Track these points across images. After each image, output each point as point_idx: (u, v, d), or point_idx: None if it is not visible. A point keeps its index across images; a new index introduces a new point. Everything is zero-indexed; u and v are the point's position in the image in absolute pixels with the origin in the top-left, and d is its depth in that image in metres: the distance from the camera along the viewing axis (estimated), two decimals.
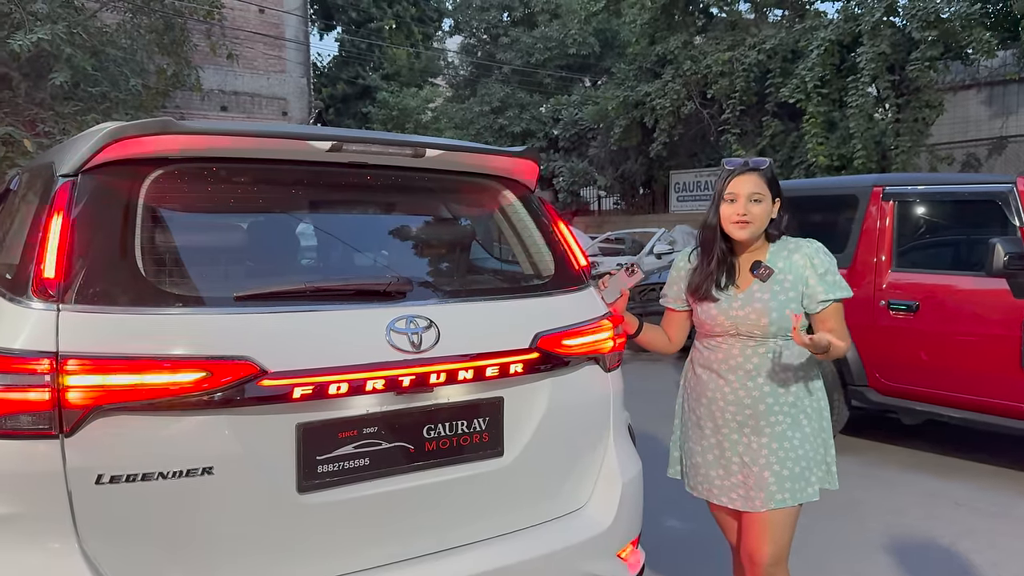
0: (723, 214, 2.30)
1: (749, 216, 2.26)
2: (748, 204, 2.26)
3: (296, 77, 17.74)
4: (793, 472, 2.28)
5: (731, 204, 2.28)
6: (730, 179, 2.29)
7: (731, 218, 2.28)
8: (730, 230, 2.30)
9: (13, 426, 1.62)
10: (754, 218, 2.27)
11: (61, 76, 9.55)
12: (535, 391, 2.22)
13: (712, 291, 2.35)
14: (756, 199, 2.26)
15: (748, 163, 2.31)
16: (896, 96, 13.26)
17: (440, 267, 2.49)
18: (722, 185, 2.31)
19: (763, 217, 2.29)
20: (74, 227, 1.77)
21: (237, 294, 1.87)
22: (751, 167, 2.30)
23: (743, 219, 2.26)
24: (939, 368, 4.96)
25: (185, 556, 1.75)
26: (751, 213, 2.26)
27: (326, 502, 1.88)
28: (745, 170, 2.29)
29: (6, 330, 1.68)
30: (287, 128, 2.04)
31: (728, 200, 2.29)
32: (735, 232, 2.29)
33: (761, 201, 2.27)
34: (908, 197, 5.29)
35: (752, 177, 2.28)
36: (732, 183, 2.28)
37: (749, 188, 2.26)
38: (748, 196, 2.26)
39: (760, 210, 2.28)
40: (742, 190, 2.27)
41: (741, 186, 2.27)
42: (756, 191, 2.26)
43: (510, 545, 2.14)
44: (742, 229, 2.27)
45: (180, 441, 1.72)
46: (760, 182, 2.28)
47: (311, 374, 1.82)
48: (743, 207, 2.26)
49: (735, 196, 2.27)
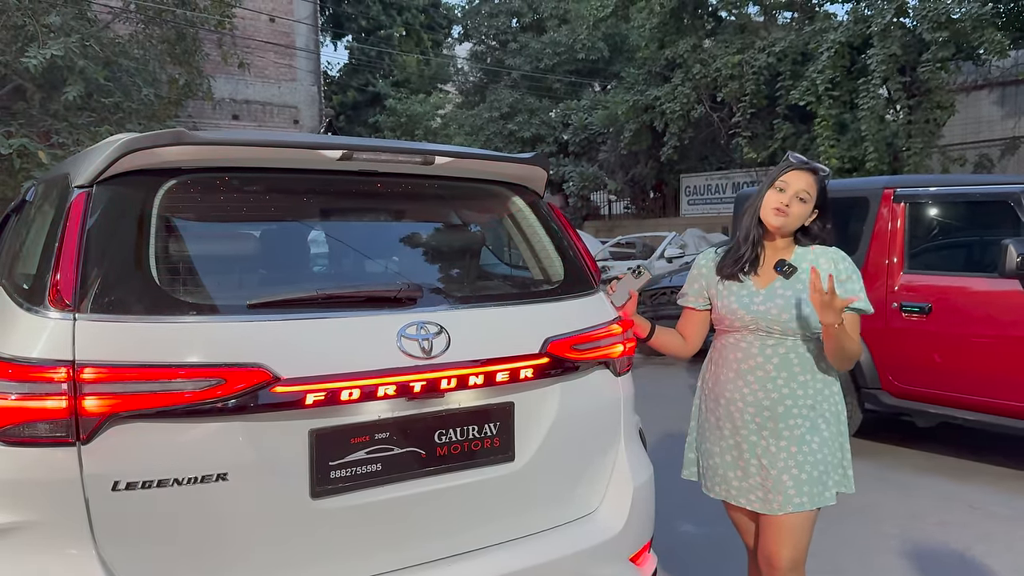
0: (767, 199, 2.35)
1: (790, 208, 2.31)
2: (794, 199, 2.31)
3: (307, 85, 17.86)
4: (811, 476, 2.29)
5: (779, 193, 2.33)
6: (788, 170, 2.34)
7: (772, 204, 2.33)
8: (767, 215, 2.34)
9: (31, 434, 1.64)
10: (792, 213, 2.31)
11: (74, 91, 9.66)
12: (546, 396, 2.23)
13: (738, 274, 2.38)
14: (802, 197, 2.31)
15: (810, 164, 2.36)
16: (907, 98, 13.23)
17: (450, 273, 2.50)
18: (778, 172, 2.36)
19: (801, 216, 2.34)
20: (89, 237, 1.79)
21: (250, 302, 1.88)
22: (811, 168, 2.35)
23: (783, 208, 2.31)
24: (953, 370, 4.93)
25: (200, 562, 1.76)
26: (792, 207, 2.31)
27: (339, 507, 1.89)
28: (805, 168, 2.34)
29: (24, 339, 1.70)
30: (298, 138, 2.06)
31: (777, 188, 2.34)
32: (771, 218, 2.33)
33: (806, 201, 2.32)
34: (919, 199, 5.27)
35: (807, 176, 2.33)
36: (788, 175, 2.33)
37: (801, 184, 2.31)
38: (797, 192, 2.31)
39: (801, 209, 2.32)
40: (794, 183, 2.32)
41: (795, 180, 2.32)
42: (806, 190, 2.32)
43: (522, 550, 2.15)
44: (777, 216, 2.32)
45: (195, 448, 1.74)
46: (812, 184, 2.33)
47: (323, 380, 1.83)
48: (788, 199, 2.31)
49: (786, 186, 2.32)
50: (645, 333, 2.52)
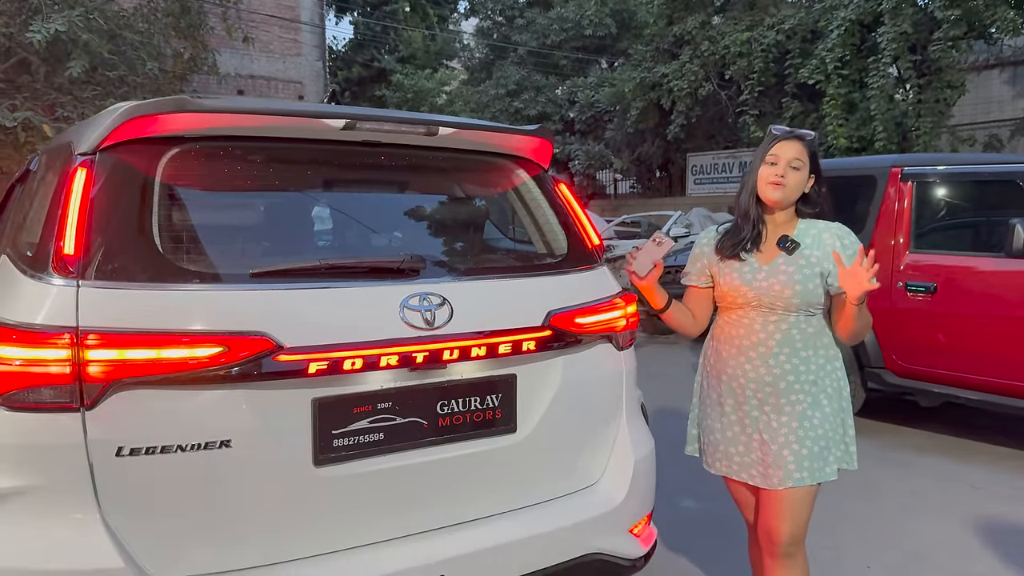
0: (760, 175, 2.34)
1: (786, 179, 2.30)
2: (787, 168, 2.30)
3: (312, 60, 17.74)
4: (812, 451, 2.29)
5: (771, 167, 2.32)
6: (774, 143, 2.33)
7: (768, 178, 2.32)
8: (764, 190, 2.33)
9: (36, 399, 1.66)
10: (789, 183, 2.31)
11: (78, 65, 9.60)
12: (548, 368, 2.23)
13: (740, 253, 2.38)
14: (795, 166, 2.31)
15: (795, 131, 2.36)
16: (917, 77, 13.10)
17: (453, 245, 2.50)
18: (765, 148, 2.35)
19: (798, 185, 2.33)
20: (92, 204, 1.79)
21: (253, 271, 1.89)
22: (797, 135, 2.34)
23: (779, 179, 2.30)
24: (957, 350, 4.93)
25: (204, 527, 1.78)
26: (788, 177, 2.30)
27: (342, 475, 1.91)
28: (790, 137, 2.33)
29: (28, 306, 1.71)
30: (301, 106, 2.05)
31: (769, 162, 2.33)
32: (769, 192, 2.32)
33: (800, 169, 2.31)
34: (926, 178, 5.24)
35: (796, 144, 2.32)
36: (776, 147, 2.33)
37: (791, 154, 2.31)
38: (788, 161, 2.30)
39: (797, 177, 2.31)
40: (784, 154, 2.31)
41: (784, 151, 2.31)
42: (797, 157, 2.31)
43: (523, 519, 2.17)
44: (776, 190, 2.31)
45: (198, 414, 1.75)
46: (802, 151, 2.32)
47: (326, 350, 1.84)
48: (782, 170, 2.30)
49: (776, 159, 2.31)
50: (661, 305, 2.44)
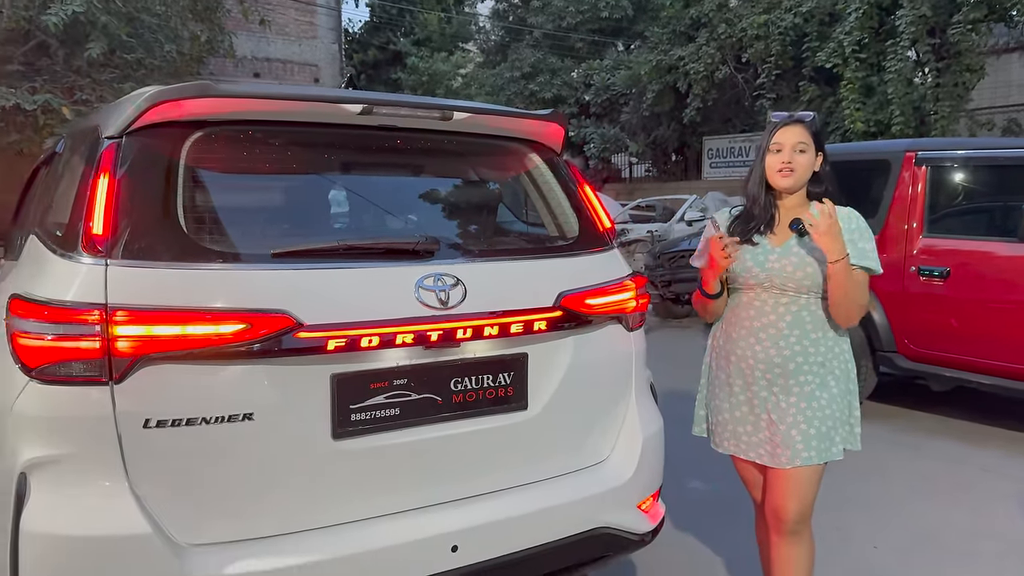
0: (768, 164, 2.36)
1: (794, 164, 2.32)
2: (793, 154, 2.33)
3: (328, 43, 17.75)
4: (819, 431, 2.33)
5: (776, 154, 2.34)
6: (776, 130, 2.36)
7: (776, 167, 2.34)
8: (774, 179, 2.36)
9: (66, 373, 1.73)
10: (798, 167, 2.33)
11: (97, 48, 9.68)
12: (559, 348, 2.29)
13: (752, 237, 2.41)
14: (801, 149, 2.33)
15: (794, 115, 2.38)
16: (936, 60, 12.96)
17: (467, 228, 2.55)
18: (768, 136, 2.37)
19: (807, 167, 2.35)
20: (120, 186, 1.86)
21: (274, 251, 1.95)
22: (797, 119, 2.36)
23: (788, 166, 2.33)
24: (969, 334, 4.94)
25: (227, 496, 1.86)
26: (795, 162, 2.32)
27: (359, 448, 1.98)
28: (791, 121, 2.36)
29: (58, 283, 1.79)
30: (320, 91, 2.11)
31: (774, 151, 2.35)
32: (779, 181, 2.35)
33: (805, 151, 2.33)
34: (941, 162, 5.23)
35: (797, 128, 2.34)
36: (778, 134, 2.35)
37: (795, 138, 2.33)
38: (793, 146, 2.32)
39: (804, 160, 2.34)
40: (788, 140, 2.33)
41: (787, 136, 2.33)
42: (801, 141, 2.33)
43: (534, 493, 2.23)
44: (786, 178, 2.33)
45: (222, 389, 1.82)
46: (805, 133, 2.34)
47: (344, 327, 1.90)
48: (788, 156, 2.32)
49: (781, 146, 2.34)
50: (716, 291, 2.45)
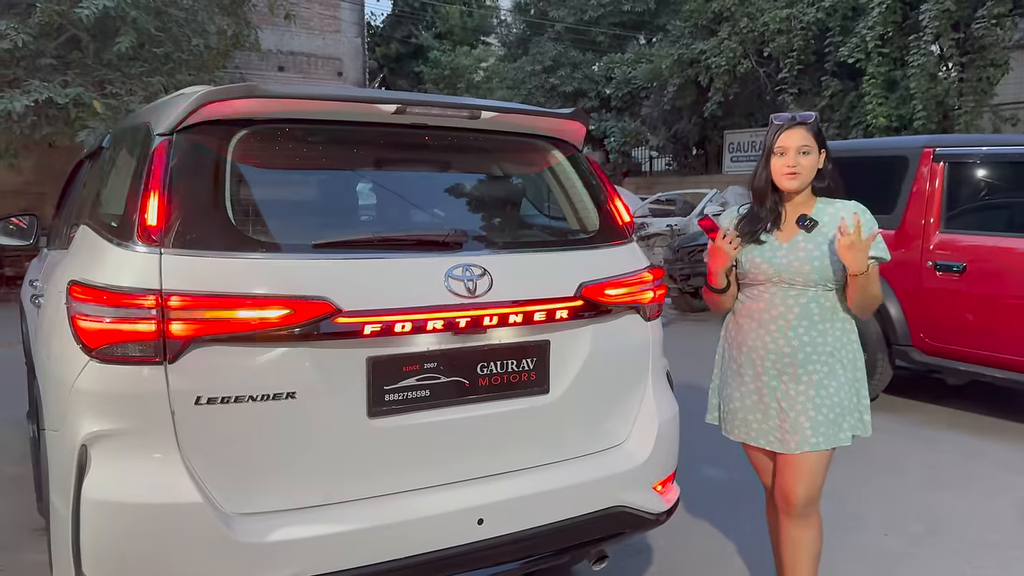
0: (774, 167, 2.45)
1: (798, 167, 2.42)
2: (797, 156, 2.41)
3: (351, 37, 17.89)
4: (828, 418, 2.43)
5: (781, 157, 2.43)
6: (779, 133, 2.44)
7: (782, 170, 2.43)
8: (781, 182, 2.45)
9: (123, 353, 1.88)
10: (803, 169, 2.42)
11: (126, 41, 9.88)
12: (579, 335, 2.41)
13: (760, 235, 2.50)
14: (805, 151, 2.42)
15: (796, 117, 2.46)
16: (960, 55, 12.88)
17: (493, 221, 2.68)
18: (772, 140, 2.45)
19: (811, 168, 2.44)
20: (171, 180, 2.00)
21: (315, 242, 2.10)
22: (799, 121, 2.45)
23: (793, 170, 2.42)
24: (985, 329, 4.98)
25: (270, 469, 2.00)
26: (800, 165, 2.42)
27: (392, 427, 2.11)
28: (794, 124, 2.44)
29: (116, 270, 1.94)
30: (357, 92, 2.25)
31: (778, 154, 2.44)
32: (786, 183, 2.44)
33: (809, 153, 2.42)
34: (958, 159, 5.27)
35: (800, 131, 2.43)
36: (782, 137, 2.43)
37: (798, 141, 2.41)
38: (797, 149, 2.41)
39: (808, 162, 2.43)
40: (791, 143, 2.42)
41: (790, 140, 2.42)
42: (804, 143, 2.41)
43: (555, 472, 2.36)
44: (792, 180, 2.43)
45: (267, 369, 1.96)
46: (808, 135, 2.42)
47: (380, 313, 2.04)
48: (793, 159, 2.41)
49: (785, 149, 2.42)
50: (722, 285, 2.55)
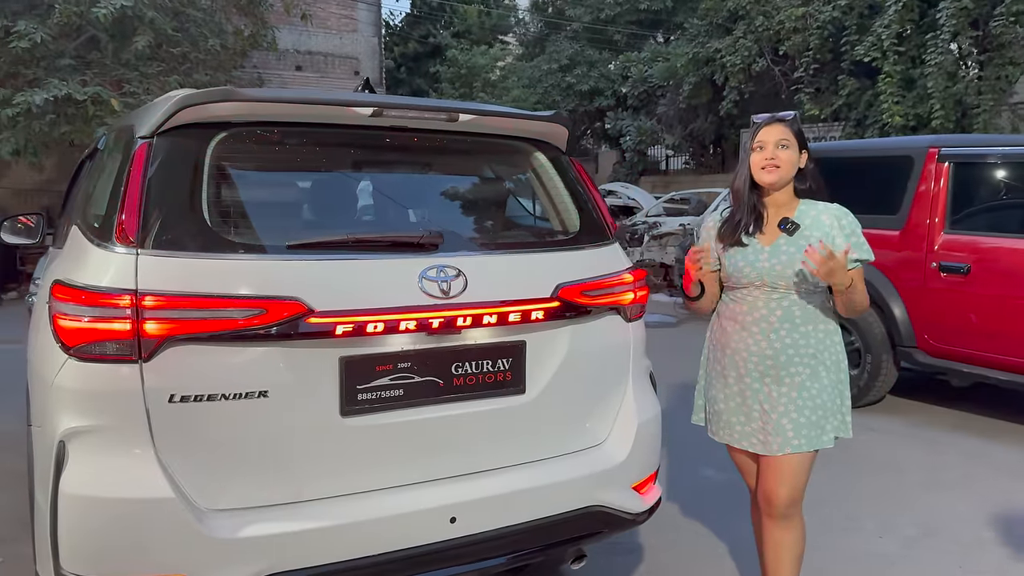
0: (752, 163, 2.46)
1: (777, 160, 2.41)
2: (776, 149, 2.42)
3: (368, 36, 17.99)
4: (810, 420, 2.43)
5: (759, 152, 2.44)
6: (758, 130, 2.45)
7: (759, 164, 2.44)
8: (759, 176, 2.45)
9: (100, 351, 1.93)
10: (782, 162, 2.42)
11: (143, 40, 10.01)
12: (556, 336, 2.43)
13: (742, 237, 2.50)
14: (783, 144, 2.42)
15: (775, 116, 2.48)
16: (978, 53, 12.72)
17: (471, 223, 2.70)
18: (751, 137, 2.47)
19: (790, 163, 2.44)
20: (150, 182, 2.05)
21: (289, 243, 2.13)
22: (778, 118, 2.46)
23: (771, 162, 2.42)
24: (989, 331, 4.95)
25: (243, 466, 2.04)
26: (779, 158, 2.41)
27: (365, 425, 2.14)
28: (772, 121, 2.46)
29: (95, 271, 1.99)
30: (334, 95, 2.28)
31: (757, 148, 2.45)
32: (764, 176, 2.44)
33: (788, 147, 2.42)
34: (963, 159, 5.23)
35: (778, 126, 2.44)
36: (760, 133, 2.45)
37: (776, 136, 2.42)
38: (776, 143, 2.42)
39: (787, 155, 2.42)
40: (769, 138, 2.43)
41: (768, 134, 2.43)
42: (783, 138, 2.42)
43: (530, 472, 2.38)
44: (770, 173, 2.42)
45: (240, 368, 2.00)
46: (787, 131, 2.43)
47: (352, 314, 2.07)
48: (771, 152, 2.42)
49: (763, 144, 2.43)
50: (695, 293, 2.59)
